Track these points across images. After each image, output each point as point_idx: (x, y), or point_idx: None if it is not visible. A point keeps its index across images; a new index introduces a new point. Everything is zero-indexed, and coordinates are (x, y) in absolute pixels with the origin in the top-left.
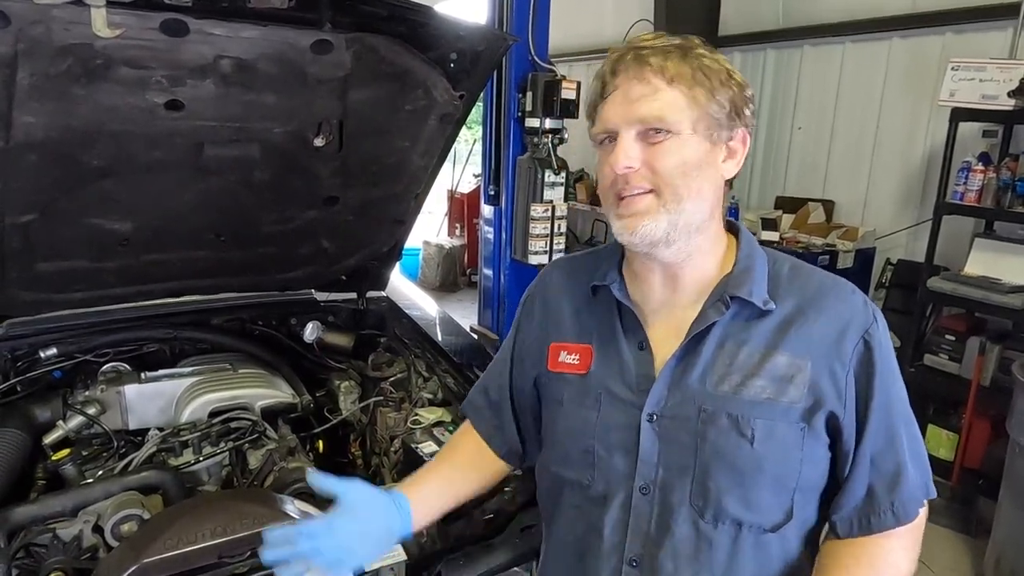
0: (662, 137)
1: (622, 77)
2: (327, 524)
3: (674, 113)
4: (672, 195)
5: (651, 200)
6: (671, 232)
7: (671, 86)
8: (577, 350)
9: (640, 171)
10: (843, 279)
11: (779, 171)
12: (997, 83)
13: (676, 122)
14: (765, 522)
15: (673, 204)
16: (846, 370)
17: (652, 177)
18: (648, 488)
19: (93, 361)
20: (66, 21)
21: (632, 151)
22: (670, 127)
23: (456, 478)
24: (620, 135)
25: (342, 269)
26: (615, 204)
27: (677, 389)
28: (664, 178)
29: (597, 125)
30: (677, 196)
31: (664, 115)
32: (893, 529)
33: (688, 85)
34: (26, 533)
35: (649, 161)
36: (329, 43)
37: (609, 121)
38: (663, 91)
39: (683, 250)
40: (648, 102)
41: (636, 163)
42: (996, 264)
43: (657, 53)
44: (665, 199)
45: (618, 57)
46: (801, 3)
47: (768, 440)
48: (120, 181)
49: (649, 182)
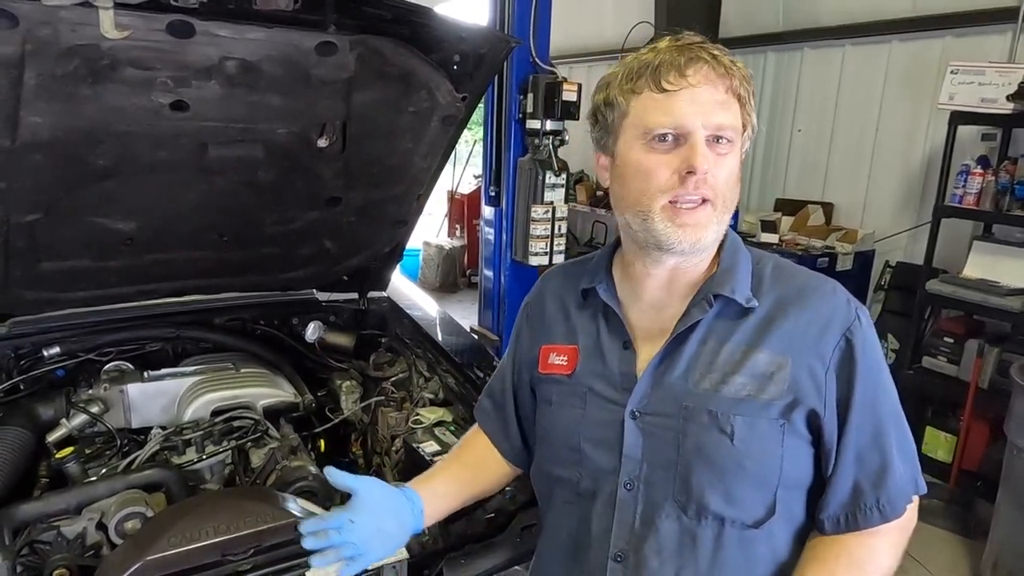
0: (726, 148)
1: (697, 76)
2: (346, 518)
3: (737, 123)
4: (723, 206)
5: (709, 211)
6: (715, 241)
7: (735, 98)
8: (565, 351)
9: (707, 178)
10: (827, 278)
11: (779, 173)
12: (996, 86)
13: (736, 132)
14: (747, 518)
15: (724, 214)
16: (826, 368)
17: (714, 187)
18: (632, 484)
19: (96, 360)
20: (73, 22)
21: (709, 155)
22: (733, 137)
23: (466, 477)
24: (695, 135)
25: (344, 269)
26: (669, 208)
27: (659, 387)
28: (721, 189)
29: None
30: (727, 207)
31: (735, 124)
32: (880, 526)
33: (745, 100)
34: (30, 530)
35: (713, 170)
36: (333, 45)
37: (683, 120)
38: (733, 101)
39: (701, 256)
40: (725, 109)
41: (709, 168)
42: (995, 267)
43: (725, 58)
44: (719, 210)
45: (688, 53)
46: (801, 5)
47: (748, 436)
48: (124, 181)
49: (711, 190)
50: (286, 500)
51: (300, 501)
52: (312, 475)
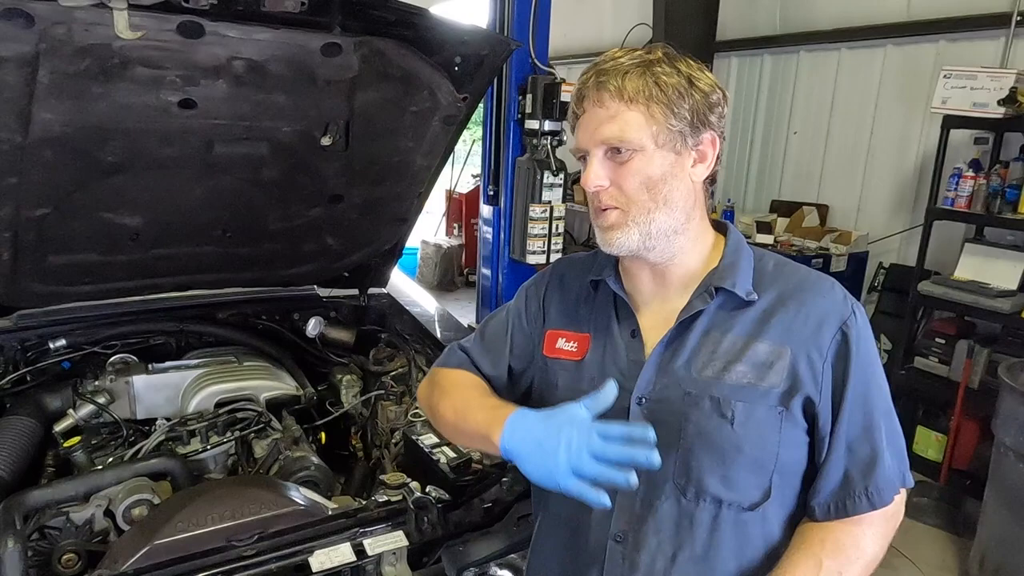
0: (627, 156)
1: (587, 102)
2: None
3: (633, 132)
4: (639, 209)
5: (618, 215)
6: (646, 240)
7: (629, 106)
8: (575, 338)
9: (609, 189)
10: (825, 275)
11: (774, 175)
12: (988, 91)
13: (636, 140)
14: (744, 500)
15: (641, 216)
16: (823, 359)
17: (619, 195)
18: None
19: (101, 353)
20: (87, 22)
21: (601, 171)
22: (632, 145)
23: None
24: (589, 156)
25: (345, 266)
26: (596, 216)
27: (664, 374)
28: (629, 195)
29: (573, 145)
30: (644, 209)
31: (624, 135)
32: (867, 514)
33: (645, 103)
34: (40, 516)
35: (616, 180)
36: (338, 46)
37: (580, 143)
38: (622, 112)
39: (665, 252)
40: (608, 125)
41: (605, 182)
42: (985, 269)
43: (616, 75)
44: (632, 214)
45: (583, 83)
46: (798, 10)
47: (747, 422)
48: (132, 177)
49: (615, 200)
50: (289, 488)
51: (302, 490)
52: (314, 465)
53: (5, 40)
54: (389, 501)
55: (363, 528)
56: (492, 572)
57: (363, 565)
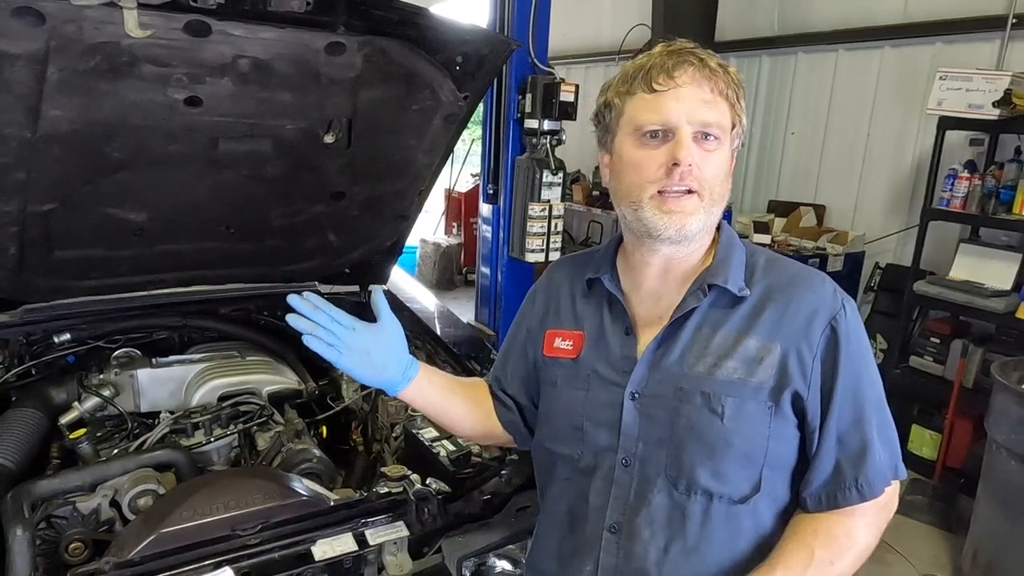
0: (713, 144)
1: (683, 77)
2: (352, 323)
3: (725, 122)
4: (711, 198)
5: (696, 201)
6: (701, 231)
7: (723, 98)
8: (571, 336)
9: (692, 170)
10: (816, 270)
11: (772, 175)
12: (983, 93)
13: (724, 130)
14: (734, 493)
15: (711, 206)
16: (813, 354)
17: (700, 179)
18: (629, 460)
19: (105, 347)
20: (97, 21)
21: (695, 150)
22: (720, 135)
23: (459, 393)
24: (680, 131)
25: (346, 262)
26: (657, 198)
27: (657, 370)
28: (710, 182)
29: (646, 115)
30: (714, 199)
31: (721, 122)
32: (858, 505)
33: (732, 100)
34: (47, 506)
35: (699, 164)
36: (342, 45)
37: (670, 116)
38: (720, 101)
39: (694, 246)
40: (711, 107)
41: (694, 162)
42: (980, 269)
43: (715, 63)
44: (706, 202)
45: (677, 57)
46: (796, 11)
47: (737, 417)
48: (138, 173)
49: (697, 183)
50: (291, 480)
51: (305, 481)
52: (316, 457)
53: (16, 38)
54: (390, 493)
55: (365, 519)
56: (491, 562)
57: (364, 555)
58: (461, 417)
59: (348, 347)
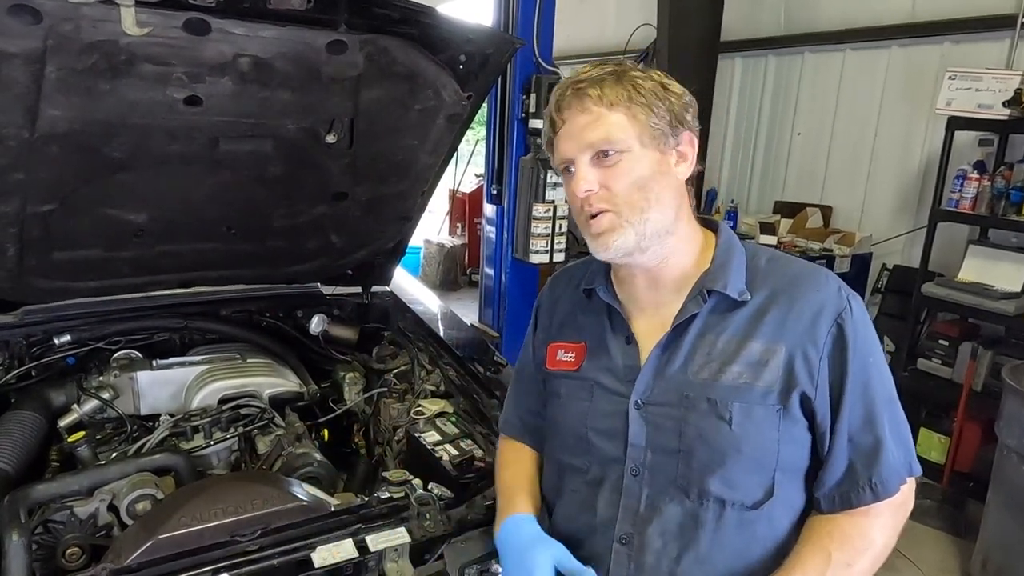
0: (614, 159)
1: (567, 112)
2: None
3: (619, 133)
4: (632, 210)
5: (611, 218)
6: (641, 241)
7: (611, 110)
8: (572, 348)
9: (600, 192)
10: (820, 267)
11: (778, 176)
12: (993, 93)
13: (622, 140)
14: (747, 499)
15: (635, 217)
16: (820, 354)
17: (610, 197)
18: (638, 470)
19: (105, 349)
20: (95, 19)
21: (589, 175)
22: (618, 147)
23: (537, 485)
24: (576, 163)
25: (348, 263)
26: (586, 225)
27: (661, 378)
28: (622, 196)
29: (556, 157)
30: (638, 208)
31: (610, 136)
32: (872, 505)
33: (626, 105)
34: (44, 510)
35: (605, 182)
36: (344, 44)
37: (564, 152)
38: (605, 115)
39: (658, 254)
40: (593, 128)
41: (595, 186)
42: (989, 271)
43: (593, 84)
44: (626, 215)
45: (560, 95)
46: (802, 11)
47: (745, 422)
48: (138, 173)
49: (607, 202)
50: (292, 485)
51: (306, 486)
52: (317, 462)
53: (13, 36)
54: (391, 498)
55: (365, 524)
56: (494, 569)
57: (365, 561)
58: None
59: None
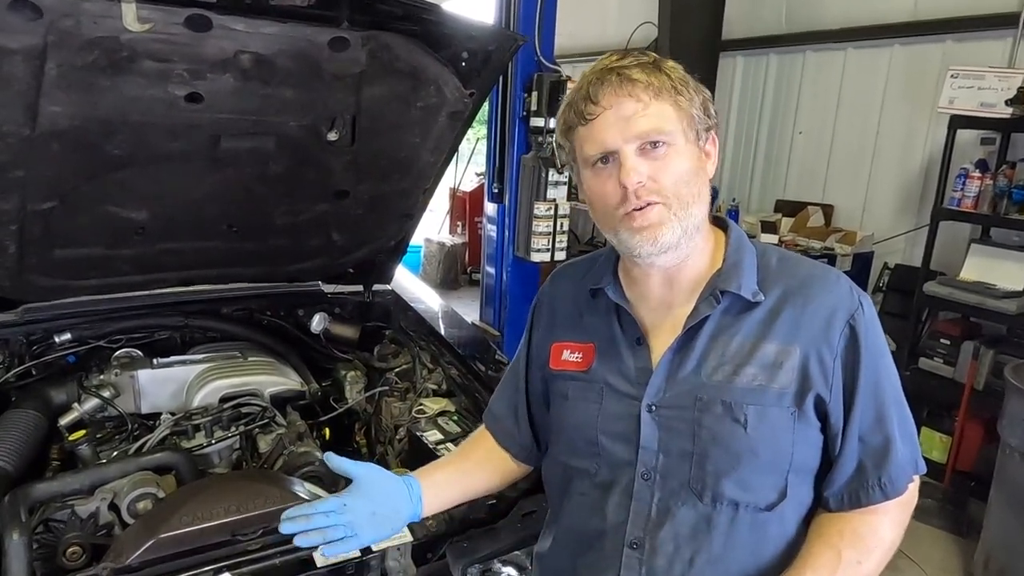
0: (663, 150)
1: (609, 98)
2: (340, 502)
3: (669, 124)
4: (679, 203)
5: (662, 210)
6: (683, 237)
7: (659, 99)
8: (580, 349)
9: (647, 185)
10: (830, 268)
11: (779, 174)
12: (995, 91)
13: (671, 133)
14: (760, 502)
15: (682, 211)
16: (834, 355)
17: (659, 189)
18: (649, 474)
19: (106, 347)
20: (95, 15)
21: (640, 167)
22: (668, 139)
23: (469, 469)
24: (622, 152)
25: (350, 262)
26: (626, 220)
27: (674, 380)
28: (671, 188)
29: (588, 147)
30: (684, 203)
31: (662, 127)
32: (881, 503)
33: (672, 95)
34: (45, 509)
35: (653, 175)
36: (346, 40)
37: (606, 141)
38: (654, 104)
39: (684, 252)
40: (643, 117)
41: (644, 178)
42: (991, 270)
43: (637, 69)
44: (674, 208)
45: (595, 80)
46: (804, 9)
47: (760, 424)
48: (139, 171)
49: (657, 195)
50: (293, 483)
51: (308, 484)
52: (318, 460)
53: (13, 32)
54: None
55: None
56: (496, 569)
57: (367, 561)
58: (485, 484)
59: (357, 524)
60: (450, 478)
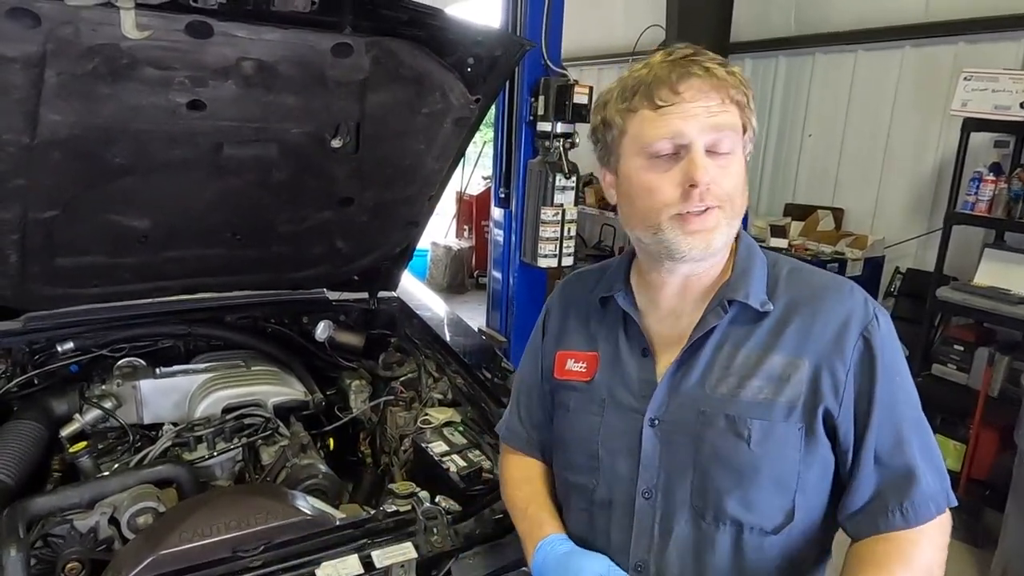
0: (728, 155)
1: (692, 91)
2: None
3: (737, 132)
4: (733, 211)
5: (718, 214)
6: (726, 244)
7: (734, 104)
8: (584, 358)
9: (712, 188)
10: (843, 278)
11: (789, 178)
12: (1010, 93)
13: (736, 141)
14: (766, 523)
15: (734, 219)
16: (847, 368)
17: (719, 194)
18: (651, 492)
19: (109, 356)
20: (94, 22)
21: (711, 166)
22: (734, 147)
23: (552, 499)
24: (693, 149)
25: (355, 269)
26: (678, 220)
27: (677, 393)
28: (730, 195)
29: (654, 135)
30: (736, 212)
31: (734, 134)
32: (915, 527)
33: (742, 104)
34: (44, 523)
35: (717, 179)
36: (349, 46)
37: (681, 133)
38: (731, 108)
39: (713, 261)
40: (722, 120)
41: (711, 179)
42: (1006, 275)
43: (720, 67)
44: (729, 215)
45: (681, 68)
46: (813, 11)
47: (765, 441)
48: (140, 179)
49: (716, 199)
50: (296, 498)
51: (310, 498)
52: (322, 473)
53: (11, 40)
54: (398, 511)
55: (371, 539)
56: None
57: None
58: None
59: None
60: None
